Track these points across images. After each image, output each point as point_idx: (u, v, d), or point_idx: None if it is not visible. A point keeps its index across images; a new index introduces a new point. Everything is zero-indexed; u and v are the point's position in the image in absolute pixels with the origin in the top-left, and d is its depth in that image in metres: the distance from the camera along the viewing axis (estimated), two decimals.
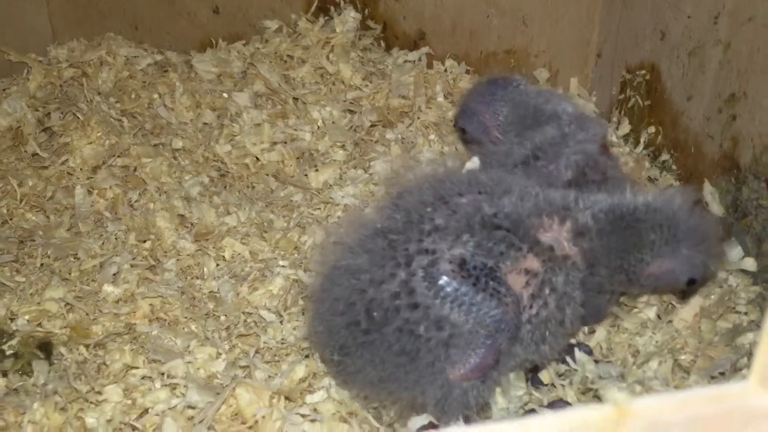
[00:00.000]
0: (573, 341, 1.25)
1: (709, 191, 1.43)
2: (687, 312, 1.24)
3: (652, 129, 1.64)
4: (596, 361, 1.22)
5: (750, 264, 1.33)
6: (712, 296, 1.27)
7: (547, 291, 1.04)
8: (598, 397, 1.12)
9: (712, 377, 1.13)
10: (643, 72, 1.65)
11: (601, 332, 1.28)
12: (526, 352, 1.07)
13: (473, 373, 1.02)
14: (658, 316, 1.26)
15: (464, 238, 1.02)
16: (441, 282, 1.00)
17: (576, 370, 1.19)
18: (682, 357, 1.19)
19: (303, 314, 1.33)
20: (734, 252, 1.35)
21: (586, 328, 1.29)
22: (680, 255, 1.11)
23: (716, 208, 1.41)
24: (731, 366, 1.14)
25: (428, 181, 1.13)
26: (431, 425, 1.10)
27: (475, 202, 1.07)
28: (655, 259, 1.10)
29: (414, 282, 1.01)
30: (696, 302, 1.25)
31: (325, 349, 1.12)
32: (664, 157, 1.60)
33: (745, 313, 1.25)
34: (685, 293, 1.26)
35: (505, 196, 1.07)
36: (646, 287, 1.18)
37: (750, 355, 1.12)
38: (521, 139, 1.34)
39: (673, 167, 1.57)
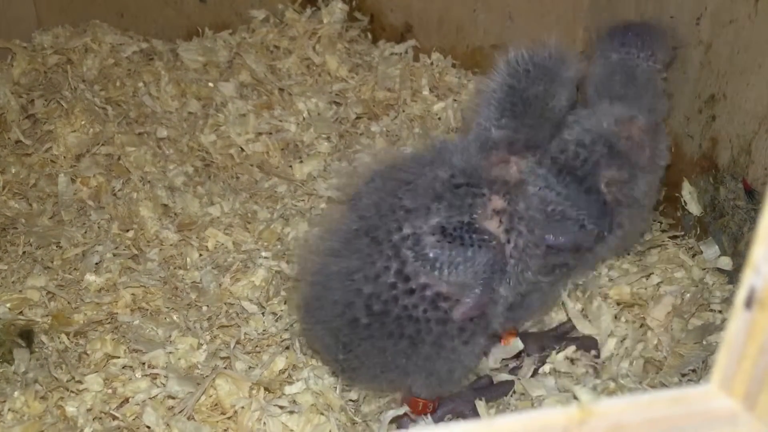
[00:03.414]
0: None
1: (687, 190, 1.45)
2: (659, 310, 1.26)
3: None
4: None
5: (726, 263, 1.35)
6: (687, 294, 1.29)
7: (516, 221, 1.11)
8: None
9: (683, 374, 1.16)
10: None
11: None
12: (514, 287, 1.13)
13: (472, 311, 1.08)
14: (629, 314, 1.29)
15: (434, 207, 1.08)
16: (431, 255, 1.06)
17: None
18: (655, 354, 1.21)
19: (285, 304, 1.34)
20: (711, 251, 1.37)
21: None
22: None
23: (694, 207, 1.43)
24: (703, 363, 1.16)
25: (379, 174, 1.18)
26: (405, 416, 1.13)
27: (429, 172, 1.12)
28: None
29: (408, 267, 1.07)
30: (668, 301, 1.27)
31: (329, 351, 1.16)
32: None
33: (719, 312, 1.27)
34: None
35: (452, 157, 1.13)
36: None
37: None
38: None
39: None
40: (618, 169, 1.25)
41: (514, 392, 1.21)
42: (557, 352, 1.24)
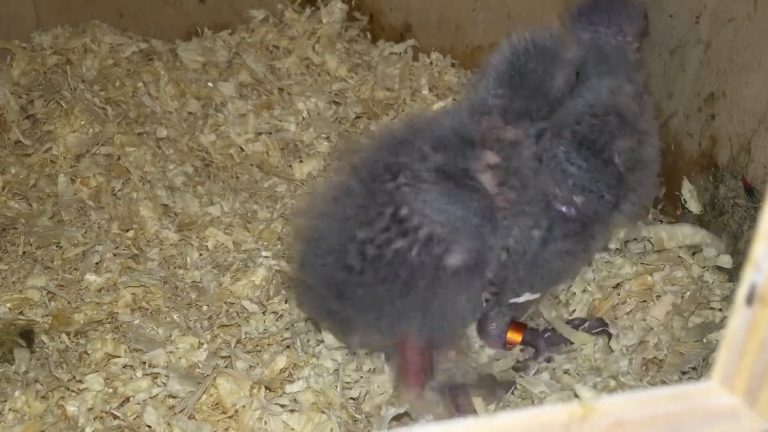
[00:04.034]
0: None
1: (687, 189, 1.45)
2: (659, 309, 1.26)
3: None
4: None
5: (726, 261, 1.35)
6: (687, 293, 1.30)
7: (509, 176, 1.16)
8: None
9: (684, 372, 1.16)
10: None
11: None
12: (503, 238, 1.16)
13: (465, 259, 1.11)
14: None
15: (432, 154, 1.13)
16: (425, 188, 1.09)
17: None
18: (655, 353, 1.21)
19: (286, 303, 1.34)
20: (710, 249, 1.37)
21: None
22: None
23: (694, 205, 1.43)
24: (703, 361, 1.16)
25: (375, 143, 1.22)
26: (406, 414, 1.13)
27: (424, 136, 1.16)
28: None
29: (402, 210, 1.09)
30: (668, 299, 1.28)
31: (323, 303, 1.18)
32: None
33: (720, 310, 1.28)
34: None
35: (444, 119, 1.19)
36: None
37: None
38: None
39: None
40: (629, 137, 1.27)
41: (516, 389, 1.21)
42: (566, 347, 1.25)
